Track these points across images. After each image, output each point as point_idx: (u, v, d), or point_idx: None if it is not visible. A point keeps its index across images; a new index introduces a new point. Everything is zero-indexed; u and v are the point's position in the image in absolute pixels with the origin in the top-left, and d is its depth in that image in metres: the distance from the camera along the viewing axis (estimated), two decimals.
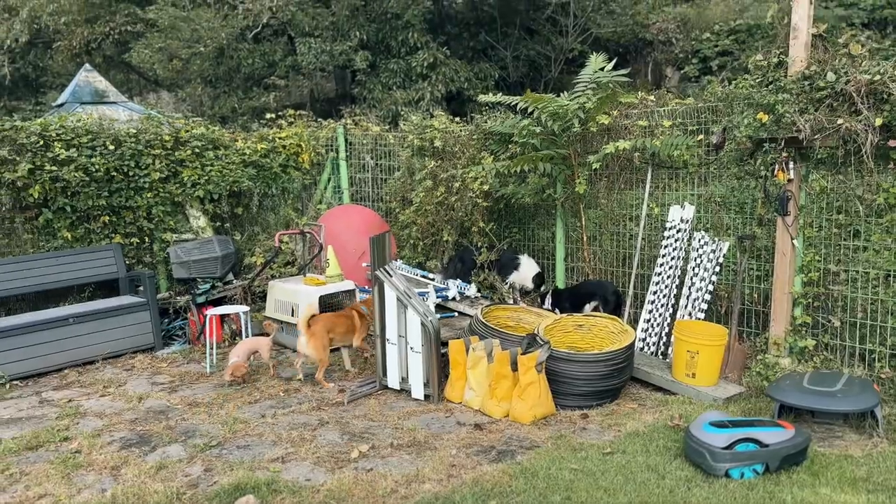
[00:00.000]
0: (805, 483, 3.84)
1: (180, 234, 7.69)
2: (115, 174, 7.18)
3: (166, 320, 7.35)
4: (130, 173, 7.29)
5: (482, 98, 7.27)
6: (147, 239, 7.59)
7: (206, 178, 7.76)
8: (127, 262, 7.34)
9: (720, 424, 4.07)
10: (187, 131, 7.85)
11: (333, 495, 3.86)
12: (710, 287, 5.83)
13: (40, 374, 6.27)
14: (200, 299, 7.14)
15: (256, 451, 4.52)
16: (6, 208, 6.75)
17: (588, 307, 6.53)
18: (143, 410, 5.35)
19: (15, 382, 6.08)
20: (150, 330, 6.88)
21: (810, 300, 5.43)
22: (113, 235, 7.33)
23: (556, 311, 6.63)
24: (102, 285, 7.26)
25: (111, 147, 7.16)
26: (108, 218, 7.24)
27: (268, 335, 6.26)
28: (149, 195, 7.43)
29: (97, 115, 7.81)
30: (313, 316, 5.83)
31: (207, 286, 7.23)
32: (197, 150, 7.75)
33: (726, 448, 3.90)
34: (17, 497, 3.99)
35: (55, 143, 6.85)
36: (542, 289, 7.26)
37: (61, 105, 10.06)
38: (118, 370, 6.39)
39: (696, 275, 5.93)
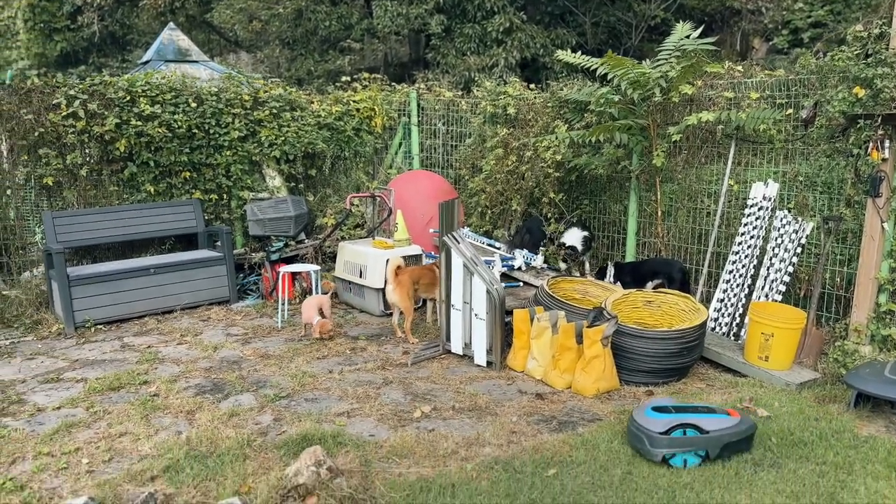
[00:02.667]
0: (880, 475, 3.69)
1: (257, 192, 7.90)
2: (196, 131, 7.41)
3: (241, 275, 7.60)
4: (211, 131, 7.50)
5: (560, 55, 7.07)
6: (225, 196, 7.83)
7: (283, 138, 7.91)
8: (205, 218, 7.60)
9: (663, 409, 3.94)
10: (266, 92, 8.01)
11: (396, 451, 3.95)
12: (790, 269, 5.61)
13: (122, 320, 6.61)
14: (274, 257, 7.35)
15: (323, 405, 4.65)
16: (94, 160, 7.06)
17: (650, 285, 6.37)
18: (218, 360, 5.57)
19: (99, 326, 6.42)
20: (225, 284, 7.13)
21: None
22: (193, 191, 7.58)
23: (618, 285, 6.50)
24: (182, 238, 7.55)
25: (193, 105, 7.37)
26: (188, 174, 7.50)
27: (325, 293, 6.42)
28: (228, 153, 7.64)
29: (180, 73, 8.03)
30: (399, 267, 6.05)
31: (281, 244, 7.43)
32: (274, 111, 7.90)
33: (664, 433, 3.77)
34: (100, 433, 4.23)
35: (141, 99, 7.10)
36: (586, 254, 7.16)
37: (146, 62, 10.38)
38: (195, 320, 6.66)
39: (775, 255, 5.71)
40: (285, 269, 6.83)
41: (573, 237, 7.13)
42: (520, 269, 7.43)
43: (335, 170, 8.64)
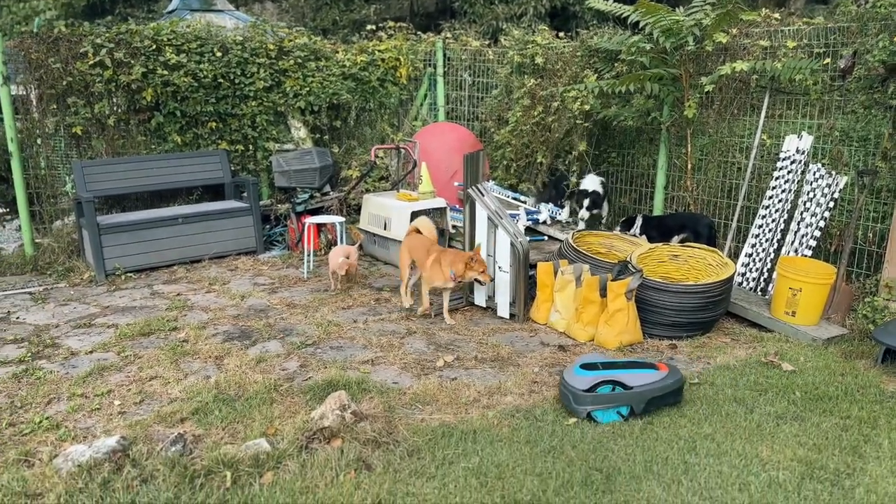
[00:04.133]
0: None
1: (282, 143, 7.90)
2: (221, 81, 7.39)
3: (267, 226, 7.67)
4: (236, 81, 7.48)
5: (591, 2, 6.90)
6: (251, 147, 7.84)
7: (308, 89, 7.87)
8: (232, 169, 7.64)
9: (590, 366, 3.92)
10: (290, 41, 7.93)
11: (419, 398, 4.01)
12: (822, 223, 5.50)
13: (152, 268, 6.73)
14: (299, 208, 7.39)
15: (348, 353, 4.72)
16: (122, 110, 7.10)
17: (675, 239, 6.29)
18: (245, 308, 5.67)
19: (129, 274, 6.55)
20: (252, 234, 7.20)
21: None
22: (219, 142, 7.61)
23: (644, 238, 6.42)
24: (209, 189, 7.61)
25: (218, 54, 7.34)
26: (214, 124, 7.51)
27: (354, 244, 6.45)
28: (253, 104, 7.63)
29: (205, 21, 7.98)
30: (413, 232, 5.77)
31: (306, 196, 7.45)
32: (299, 61, 7.84)
33: (588, 390, 3.76)
34: (131, 376, 4.35)
35: (166, 48, 7.08)
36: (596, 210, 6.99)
37: (172, 11, 10.34)
38: (223, 270, 6.76)
39: (806, 209, 5.60)
40: (311, 220, 6.87)
41: (591, 182, 7.03)
42: (545, 223, 7.38)
43: (360, 121, 8.59)
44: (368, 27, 9.21)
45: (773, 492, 3.09)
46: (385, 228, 6.91)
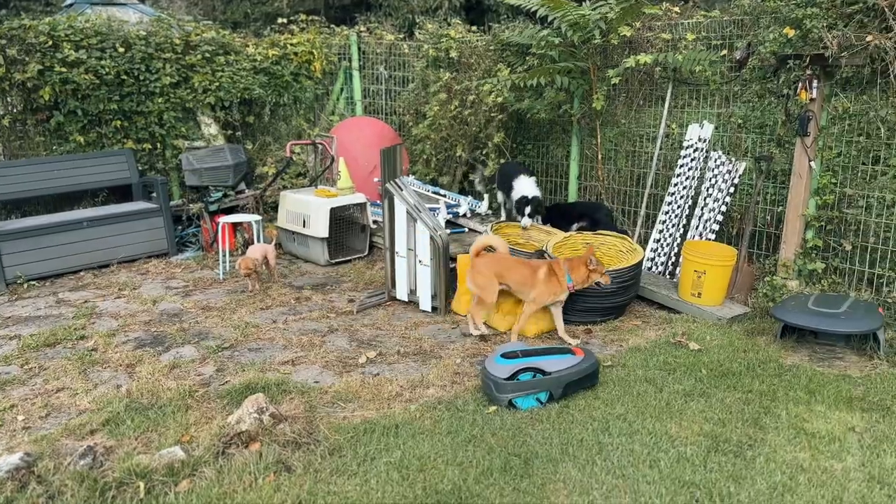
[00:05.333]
0: (800, 400, 3.92)
1: (192, 141, 7.65)
2: (125, 78, 7.09)
3: (179, 227, 7.42)
4: (141, 77, 7.19)
5: None
6: (159, 145, 7.55)
7: (217, 84, 7.64)
8: (139, 168, 7.35)
9: (511, 355, 4.03)
10: (197, 35, 7.69)
11: (341, 396, 3.99)
12: (724, 208, 5.77)
13: (57, 275, 6.41)
14: (213, 207, 7.19)
15: (267, 354, 4.65)
16: (17, 110, 6.71)
17: (574, 227, 6.45)
18: (158, 313, 5.48)
19: (32, 283, 6.22)
20: (163, 236, 6.96)
21: (823, 223, 5.38)
22: (125, 141, 7.30)
23: (548, 226, 6.58)
24: (115, 190, 7.30)
25: (121, 49, 7.04)
26: (119, 122, 7.20)
27: (269, 242, 6.35)
28: (160, 100, 7.35)
29: (106, 15, 7.63)
30: (487, 248, 5.01)
31: (220, 194, 7.26)
32: (207, 55, 7.61)
33: (508, 378, 3.87)
34: (36, 389, 4.14)
35: (64, 44, 6.74)
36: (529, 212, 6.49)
37: (70, 5, 9.82)
38: (133, 274, 6.51)
39: (709, 195, 5.86)
40: (225, 219, 6.69)
41: (527, 187, 6.46)
42: (464, 215, 7.45)
43: (275, 117, 8.42)
44: (280, 20, 9.02)
45: (682, 466, 3.24)
46: (304, 226, 6.82)
